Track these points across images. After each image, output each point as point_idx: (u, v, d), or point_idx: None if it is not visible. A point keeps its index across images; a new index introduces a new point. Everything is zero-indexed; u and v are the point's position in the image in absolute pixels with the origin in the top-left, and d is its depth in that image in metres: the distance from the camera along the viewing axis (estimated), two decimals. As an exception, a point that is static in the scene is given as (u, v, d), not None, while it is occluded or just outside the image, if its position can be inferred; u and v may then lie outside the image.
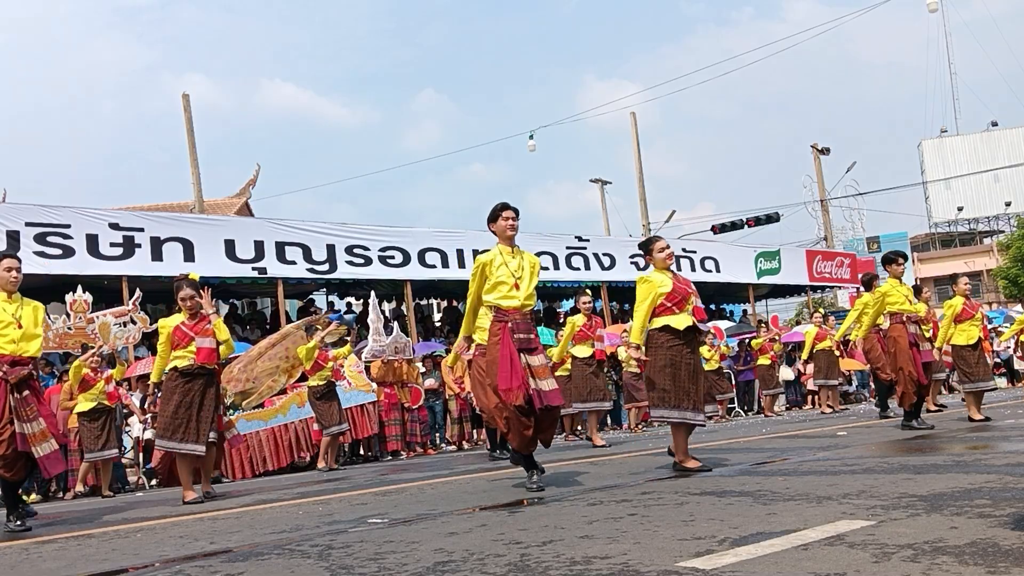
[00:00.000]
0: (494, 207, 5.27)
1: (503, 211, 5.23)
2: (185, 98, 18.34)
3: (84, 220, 12.20)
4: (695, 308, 5.57)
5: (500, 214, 5.23)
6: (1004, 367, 19.53)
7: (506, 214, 5.23)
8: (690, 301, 5.54)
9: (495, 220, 5.24)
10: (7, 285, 5.52)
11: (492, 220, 5.26)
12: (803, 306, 28.58)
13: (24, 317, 5.47)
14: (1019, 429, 6.84)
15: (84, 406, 9.06)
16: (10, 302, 5.50)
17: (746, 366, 16.15)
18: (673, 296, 5.50)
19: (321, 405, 9.81)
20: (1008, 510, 2.92)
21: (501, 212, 5.23)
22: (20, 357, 5.41)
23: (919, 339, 7.88)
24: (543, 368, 5.03)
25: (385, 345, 12.22)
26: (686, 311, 5.50)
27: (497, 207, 5.25)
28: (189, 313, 6.60)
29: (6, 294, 5.51)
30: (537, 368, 4.99)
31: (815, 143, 27.90)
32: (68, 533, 4.93)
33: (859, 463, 5.08)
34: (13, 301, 5.51)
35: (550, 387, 4.98)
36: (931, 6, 22.58)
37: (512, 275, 5.09)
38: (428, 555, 2.97)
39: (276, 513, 5.06)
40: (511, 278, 5.08)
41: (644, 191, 26.37)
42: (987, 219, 45.84)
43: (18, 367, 5.37)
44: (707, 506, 3.67)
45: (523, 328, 5.04)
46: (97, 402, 9.10)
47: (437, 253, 15.66)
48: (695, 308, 5.57)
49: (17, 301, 5.53)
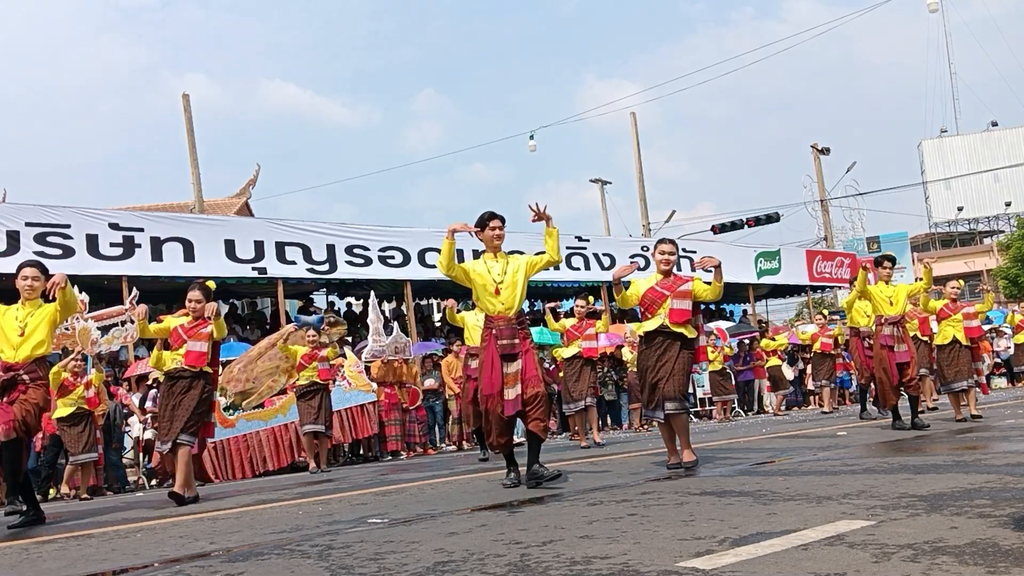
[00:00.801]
0: (482, 216, 5.40)
1: (490, 220, 5.38)
2: (185, 98, 18.34)
3: (84, 220, 12.19)
4: (671, 311, 5.73)
5: (488, 223, 5.37)
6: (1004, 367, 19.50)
7: (493, 223, 5.38)
8: (664, 305, 5.74)
9: (483, 229, 5.37)
10: (23, 293, 5.59)
11: (480, 228, 5.38)
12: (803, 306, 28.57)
13: (30, 324, 5.49)
14: (1019, 429, 6.84)
15: (63, 411, 9.02)
16: (23, 308, 5.55)
17: (746, 366, 16.14)
18: (644, 301, 5.84)
19: (301, 403, 9.90)
20: (1008, 510, 2.92)
21: (488, 222, 5.37)
22: (12, 364, 5.42)
23: (895, 340, 7.95)
24: (513, 376, 5.19)
25: (385, 345, 12.22)
26: (658, 315, 5.76)
27: (485, 216, 5.38)
28: (191, 315, 6.63)
29: (22, 301, 5.57)
30: (508, 375, 5.19)
31: (815, 143, 27.91)
32: (68, 533, 4.93)
33: (859, 463, 5.08)
34: (27, 308, 5.56)
35: (512, 395, 5.16)
36: (931, 6, 22.58)
37: (493, 280, 5.27)
38: (428, 555, 2.97)
39: (276, 513, 5.06)
40: (492, 283, 5.26)
41: (644, 191, 26.39)
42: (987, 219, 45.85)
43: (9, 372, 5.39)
44: (707, 506, 3.67)
45: (506, 334, 5.20)
46: (76, 407, 9.06)
47: (437, 253, 15.59)
48: (671, 311, 5.73)
49: (31, 308, 5.58)
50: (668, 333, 5.71)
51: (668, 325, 5.68)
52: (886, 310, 7.95)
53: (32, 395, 5.42)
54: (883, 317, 7.96)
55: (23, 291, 5.59)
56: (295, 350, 9.88)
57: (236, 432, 10.41)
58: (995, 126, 46.23)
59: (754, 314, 20.83)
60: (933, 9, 22.75)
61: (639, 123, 27.08)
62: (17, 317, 5.49)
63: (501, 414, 5.15)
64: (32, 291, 5.60)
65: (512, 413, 5.18)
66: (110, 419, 10.05)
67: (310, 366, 9.87)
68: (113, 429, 10.20)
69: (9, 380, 5.38)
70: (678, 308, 5.71)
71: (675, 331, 5.69)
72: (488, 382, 5.18)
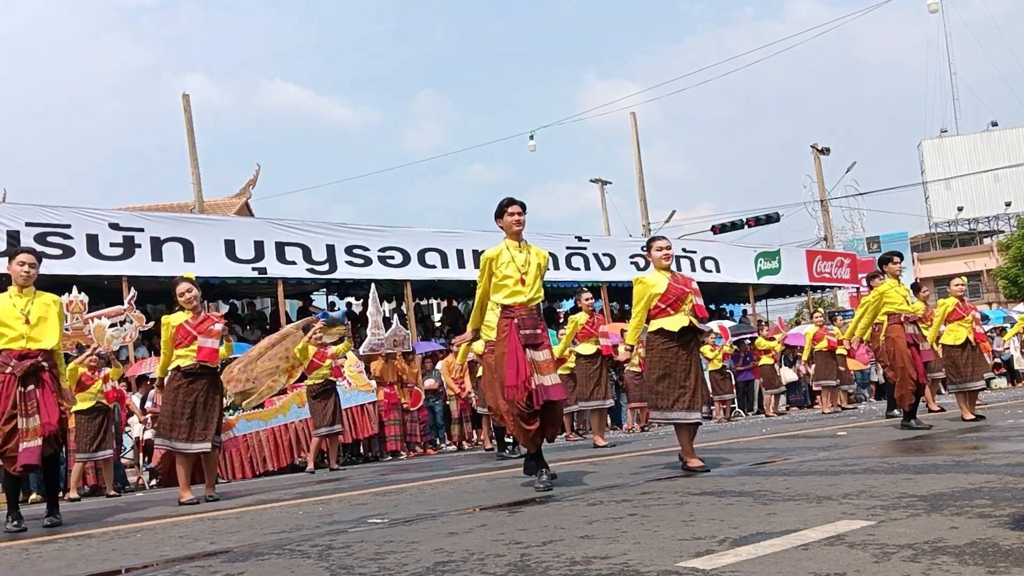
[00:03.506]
0: (500, 202, 5.34)
1: (509, 206, 5.30)
2: (185, 98, 18.33)
3: (84, 220, 12.19)
4: (695, 306, 5.60)
5: (506, 209, 5.29)
6: (1004, 367, 19.51)
7: (512, 209, 5.29)
8: (687, 300, 5.57)
9: (501, 216, 5.31)
10: (19, 279, 5.55)
11: (499, 216, 5.32)
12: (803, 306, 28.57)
13: (33, 312, 5.47)
14: (1019, 429, 6.84)
15: (82, 405, 9.08)
16: (21, 296, 5.52)
17: (746, 366, 16.14)
18: (667, 297, 5.56)
19: (315, 404, 9.87)
20: (1008, 510, 2.92)
21: (507, 207, 5.30)
22: (28, 351, 5.40)
23: (918, 339, 7.88)
24: (547, 363, 5.05)
25: (384, 338, 12.19)
26: (683, 311, 5.54)
27: (503, 202, 5.31)
28: (191, 310, 6.60)
29: (18, 288, 5.54)
30: (540, 363, 5.03)
31: (815, 143, 27.91)
32: (68, 533, 4.93)
33: (859, 463, 5.08)
34: (24, 295, 5.53)
35: (552, 382, 5.01)
36: (931, 6, 22.57)
37: (518, 270, 5.14)
38: (428, 555, 2.97)
39: (276, 513, 5.06)
40: (517, 273, 5.13)
41: (644, 191, 26.39)
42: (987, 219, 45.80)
43: (26, 360, 5.38)
44: (707, 506, 3.67)
45: (529, 324, 5.08)
46: (95, 401, 9.12)
47: (437, 253, 15.65)
48: (695, 306, 5.60)
49: (29, 295, 5.54)
50: (695, 331, 5.58)
51: (695, 321, 5.55)
52: (906, 308, 7.86)
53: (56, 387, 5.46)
54: (902, 315, 7.83)
55: (19, 277, 5.53)
56: (308, 349, 9.84)
57: (236, 432, 10.40)
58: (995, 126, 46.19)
59: (754, 314, 20.83)
60: (933, 9, 22.75)
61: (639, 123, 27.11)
62: (15, 304, 5.45)
63: (526, 402, 4.91)
64: (28, 278, 5.56)
65: (557, 398, 4.97)
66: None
67: (324, 364, 9.86)
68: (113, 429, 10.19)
69: (31, 368, 5.37)
70: (699, 304, 5.65)
71: (697, 328, 5.61)
72: (513, 372, 4.92)
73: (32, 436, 5.33)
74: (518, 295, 5.11)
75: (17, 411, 5.31)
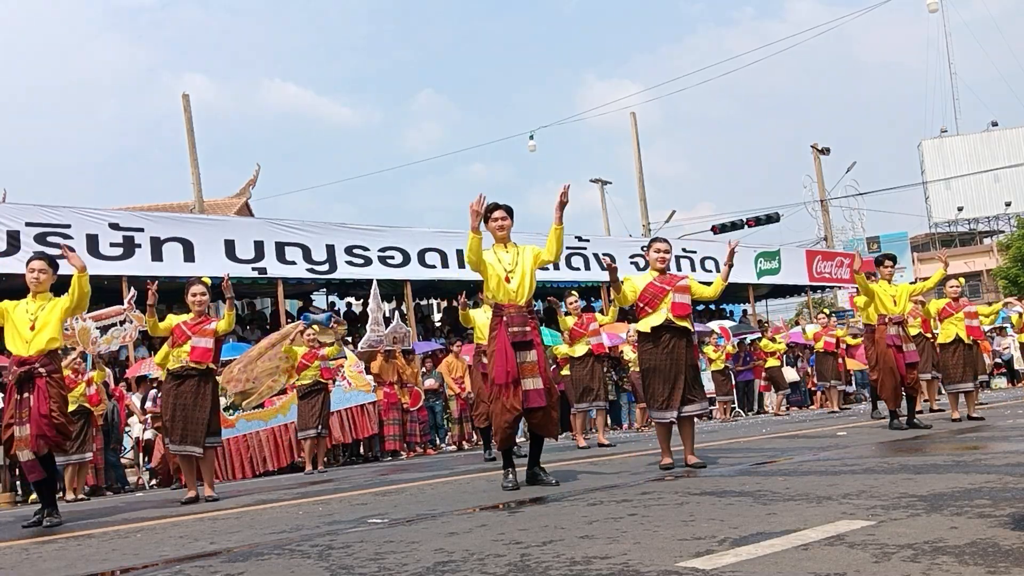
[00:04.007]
0: (486, 207, 5.34)
1: (493, 211, 5.33)
2: (185, 98, 18.34)
3: (84, 220, 12.20)
4: (673, 304, 5.69)
5: (490, 215, 5.33)
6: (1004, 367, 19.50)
7: (496, 214, 5.33)
8: (665, 299, 5.69)
9: (487, 222, 5.33)
10: (29, 285, 5.60)
11: (484, 221, 5.34)
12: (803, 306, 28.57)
13: (40, 318, 5.48)
14: (1019, 429, 6.84)
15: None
16: (34, 301, 5.54)
17: (746, 366, 16.14)
18: (644, 296, 5.76)
19: (301, 404, 9.92)
20: (1008, 510, 2.92)
21: (491, 213, 5.33)
22: (27, 357, 5.42)
23: (902, 340, 7.93)
24: (531, 366, 5.10)
25: (383, 335, 12.18)
26: (660, 310, 5.69)
27: (488, 207, 5.33)
28: (195, 312, 6.63)
29: (32, 294, 5.57)
30: (524, 366, 5.08)
31: (815, 143, 27.93)
32: (68, 533, 4.93)
33: (859, 463, 5.08)
34: (37, 301, 5.56)
35: (534, 387, 5.06)
36: (931, 6, 22.58)
37: (504, 269, 5.21)
38: (428, 555, 2.97)
39: (276, 513, 5.06)
40: (502, 271, 5.20)
41: (644, 191, 26.39)
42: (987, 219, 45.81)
43: (22, 367, 5.38)
44: (707, 506, 3.67)
45: (518, 321, 5.13)
46: (77, 404, 9.07)
47: (437, 253, 15.65)
48: (673, 304, 5.69)
49: (42, 301, 5.57)
50: (674, 329, 5.68)
51: (672, 319, 5.66)
52: (890, 309, 7.93)
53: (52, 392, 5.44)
54: (887, 316, 7.92)
55: (30, 284, 5.58)
56: (296, 350, 9.89)
57: (236, 432, 10.40)
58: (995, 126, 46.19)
59: (754, 314, 20.83)
60: (933, 9, 22.76)
61: (639, 123, 27.11)
62: (28, 311, 5.49)
63: (515, 405, 4.96)
64: (39, 284, 5.59)
65: (537, 406, 5.02)
66: (109, 419, 10.05)
67: (312, 365, 9.88)
68: (113, 429, 10.19)
69: (25, 373, 5.38)
70: (680, 302, 5.72)
71: (680, 326, 5.68)
72: (501, 371, 5.00)
73: (23, 446, 5.34)
74: (505, 293, 5.18)
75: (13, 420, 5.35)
